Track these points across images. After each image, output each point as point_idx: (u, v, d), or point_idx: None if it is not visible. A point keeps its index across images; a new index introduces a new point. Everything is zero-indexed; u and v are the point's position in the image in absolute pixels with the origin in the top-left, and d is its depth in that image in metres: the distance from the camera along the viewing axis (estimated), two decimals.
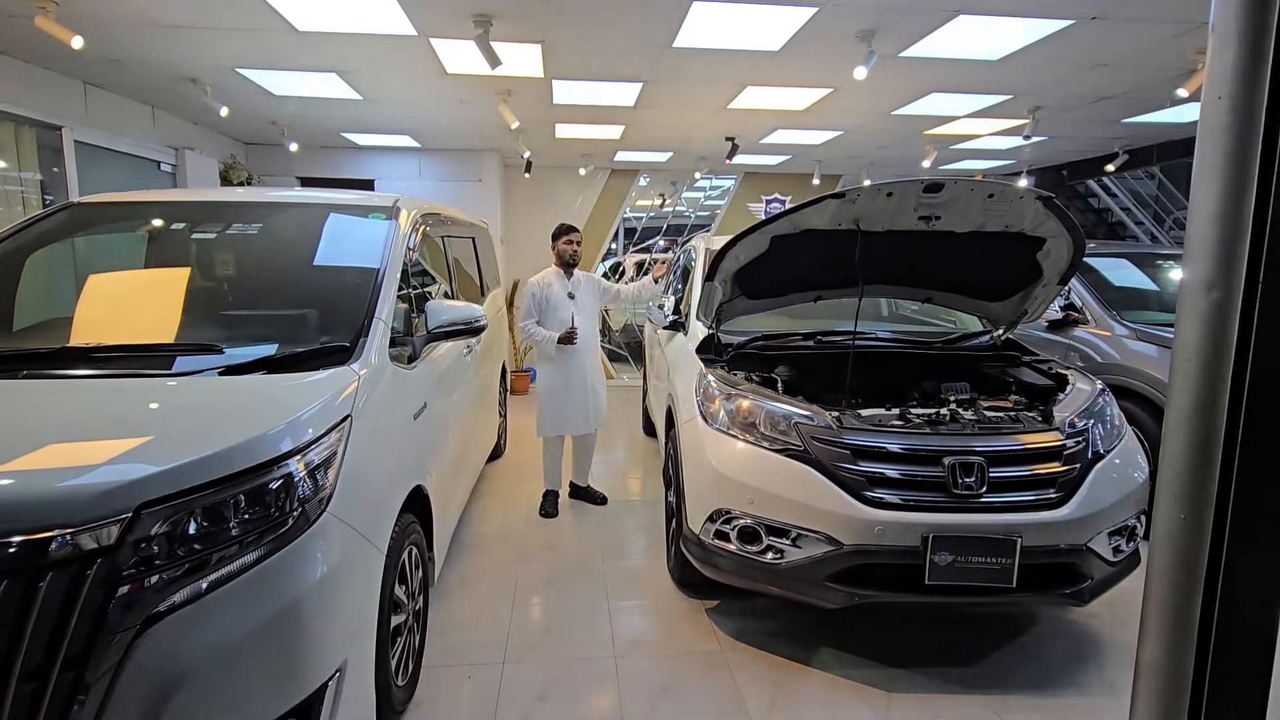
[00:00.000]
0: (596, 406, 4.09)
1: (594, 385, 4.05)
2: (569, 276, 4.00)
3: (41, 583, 1.32)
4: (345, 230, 2.90)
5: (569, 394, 3.96)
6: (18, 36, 3.87)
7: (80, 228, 2.85)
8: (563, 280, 3.99)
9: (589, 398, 4.02)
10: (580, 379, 3.98)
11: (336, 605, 1.72)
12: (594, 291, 4.11)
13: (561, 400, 3.97)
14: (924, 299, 3.63)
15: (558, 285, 3.98)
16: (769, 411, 2.68)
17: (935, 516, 2.38)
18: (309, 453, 1.73)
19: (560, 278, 4.00)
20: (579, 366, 3.98)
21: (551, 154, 7.89)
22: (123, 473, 1.46)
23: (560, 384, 3.96)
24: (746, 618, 2.91)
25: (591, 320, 4.07)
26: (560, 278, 4.00)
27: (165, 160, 6.02)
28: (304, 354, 2.16)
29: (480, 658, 2.63)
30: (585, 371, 4.00)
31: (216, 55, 4.26)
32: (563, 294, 3.96)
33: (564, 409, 3.98)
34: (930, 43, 3.91)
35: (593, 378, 4.04)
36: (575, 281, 4.02)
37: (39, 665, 1.31)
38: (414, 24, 3.61)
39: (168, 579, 1.43)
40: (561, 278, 4.00)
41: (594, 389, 4.05)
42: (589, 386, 4.01)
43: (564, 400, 3.97)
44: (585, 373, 3.99)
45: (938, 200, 2.79)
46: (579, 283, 4.03)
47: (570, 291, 3.98)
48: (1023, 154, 8.20)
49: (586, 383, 4.00)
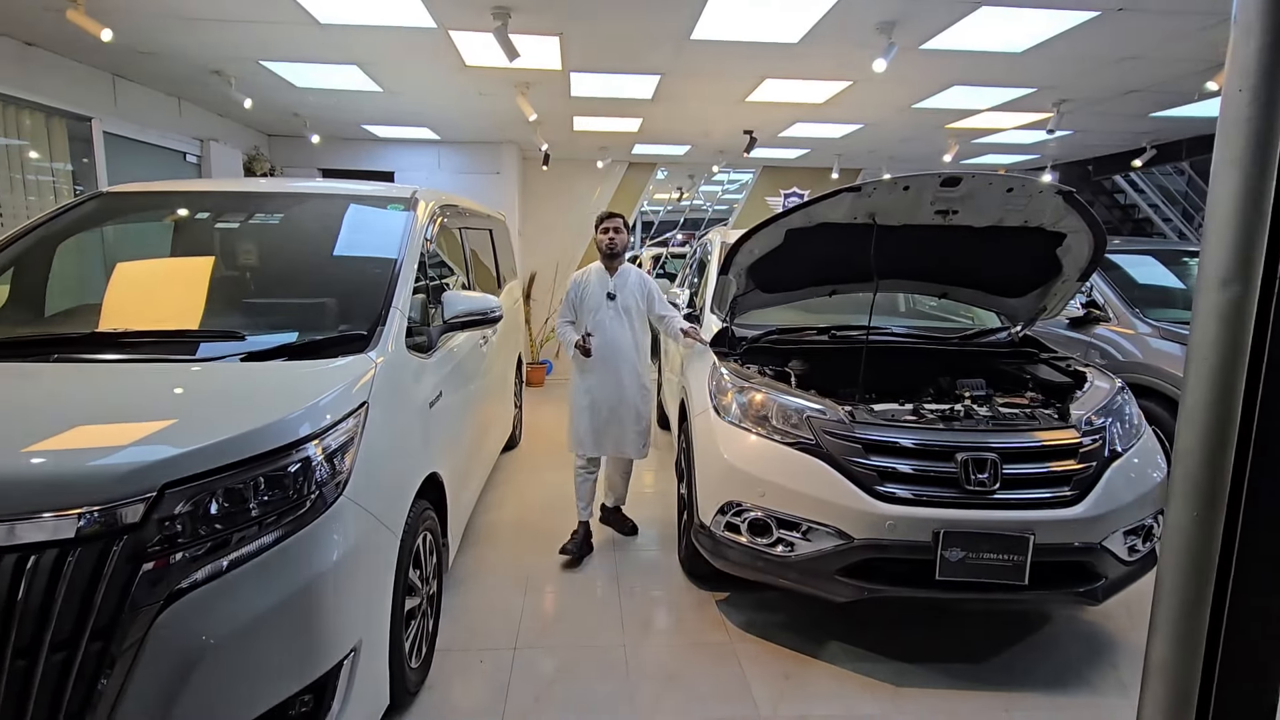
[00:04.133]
0: (631, 432, 3.39)
1: (627, 407, 3.37)
2: (612, 273, 3.39)
3: (71, 557, 1.37)
4: (364, 221, 2.94)
5: (594, 412, 3.36)
6: (50, 29, 3.95)
7: (109, 217, 2.91)
8: (603, 277, 3.38)
9: (622, 421, 3.37)
10: (610, 396, 3.34)
11: (352, 586, 1.76)
12: (641, 294, 3.41)
13: (590, 416, 3.37)
14: (940, 294, 3.59)
15: (596, 283, 3.38)
16: (781, 405, 2.68)
17: (947, 512, 2.37)
18: (327, 438, 1.77)
19: (601, 274, 3.38)
20: (610, 382, 3.34)
21: (569, 146, 7.90)
22: (148, 453, 1.51)
23: (584, 400, 3.37)
24: (756, 610, 2.93)
25: (634, 326, 3.40)
26: (601, 274, 3.38)
27: (191, 151, 6.12)
28: (323, 341, 2.20)
29: (493, 643, 2.67)
30: (619, 389, 3.34)
31: (240, 47, 4.32)
32: (601, 293, 3.35)
33: (583, 425, 3.39)
34: (952, 35, 3.86)
35: (630, 397, 3.37)
36: (621, 280, 3.38)
37: (68, 637, 1.36)
38: (433, 16, 3.64)
39: (190, 556, 1.48)
40: (603, 274, 3.38)
41: (628, 411, 3.37)
42: (622, 404, 3.36)
43: (585, 416, 3.38)
44: (619, 390, 3.34)
45: (955, 194, 2.77)
46: (625, 281, 3.38)
47: (611, 291, 3.35)
48: (1047, 148, 8.06)
49: (617, 400, 3.35)
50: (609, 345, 3.34)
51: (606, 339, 3.34)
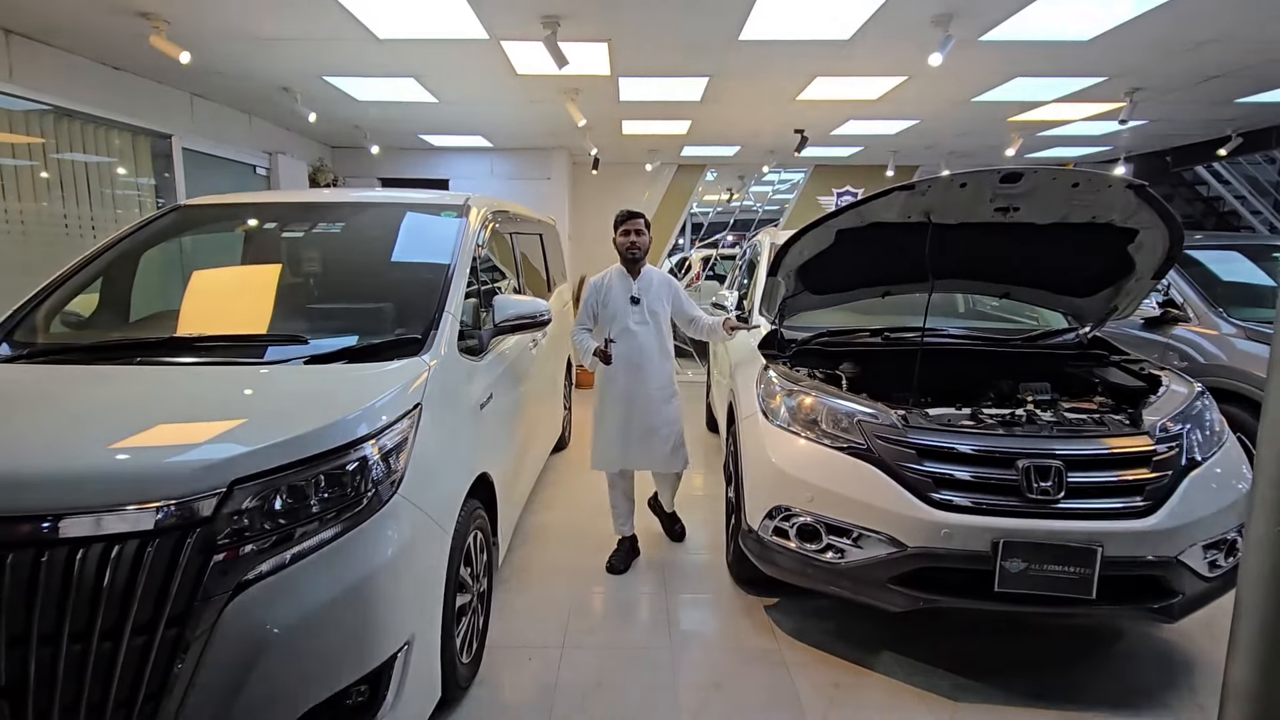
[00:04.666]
0: (663, 442, 3.21)
1: (658, 415, 3.20)
2: (634, 275, 3.24)
3: (150, 547, 1.47)
4: (419, 228, 3.04)
5: (618, 421, 3.20)
6: (135, 54, 4.24)
7: (186, 228, 3.10)
8: (625, 280, 3.22)
9: (655, 431, 3.19)
10: (640, 406, 3.17)
11: (405, 582, 1.81)
12: (667, 296, 3.27)
13: (608, 427, 3.23)
14: (1002, 294, 3.46)
15: (619, 287, 3.22)
16: (831, 408, 2.63)
17: (1007, 521, 2.27)
18: (383, 437, 1.83)
19: (623, 277, 3.23)
20: (639, 390, 3.17)
21: (618, 150, 7.96)
22: (219, 451, 1.59)
23: (615, 411, 3.20)
24: (806, 617, 2.88)
25: (660, 331, 3.24)
26: (623, 277, 3.23)
27: (260, 164, 6.46)
28: (380, 345, 2.28)
29: (541, 641, 2.71)
30: (648, 397, 3.18)
31: (305, 64, 4.54)
32: (624, 297, 3.20)
33: (611, 439, 3.22)
34: (1013, 25, 3.72)
35: (660, 405, 3.20)
36: (644, 282, 3.23)
37: (147, 622, 1.46)
38: (485, 27, 3.73)
39: (257, 549, 1.55)
40: (624, 277, 3.23)
41: (659, 420, 3.20)
42: (650, 413, 3.19)
43: (612, 428, 3.22)
44: (648, 399, 3.18)
45: (1016, 190, 2.66)
46: (648, 284, 3.23)
47: (635, 294, 3.20)
48: (1120, 140, 7.66)
49: (645, 408, 3.18)
50: (636, 351, 3.17)
51: (633, 345, 3.17)
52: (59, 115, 4.22)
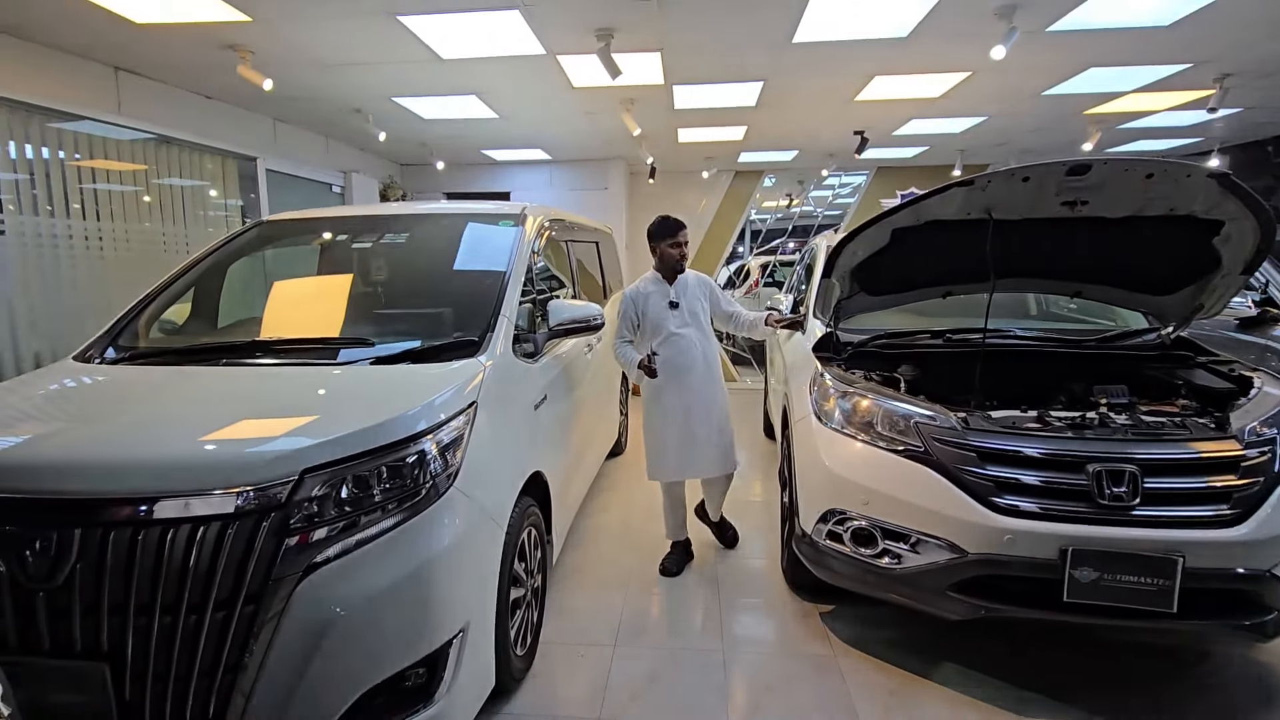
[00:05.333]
0: (717, 446, 3.21)
1: (710, 420, 3.19)
2: (671, 281, 3.24)
3: (230, 530, 1.59)
4: (478, 237, 3.16)
5: (674, 429, 3.18)
6: (224, 84, 4.60)
7: (268, 241, 3.33)
8: (663, 286, 3.22)
9: (708, 436, 3.18)
10: (693, 411, 3.16)
11: (461, 571, 1.89)
12: (705, 297, 3.27)
13: (664, 438, 3.20)
14: (1073, 293, 3.29)
15: (656, 293, 3.20)
16: (887, 410, 2.57)
17: (1076, 528, 2.16)
18: (440, 433, 1.92)
19: (660, 283, 3.23)
20: (689, 396, 3.16)
21: (674, 159, 8.01)
22: (292, 443, 1.72)
23: (666, 421, 3.18)
24: (863, 625, 2.81)
25: (703, 331, 3.25)
26: (660, 283, 3.23)
27: (336, 183, 6.85)
28: (439, 347, 2.39)
29: (593, 639, 2.75)
30: (697, 401, 3.17)
31: (376, 86, 4.80)
32: (663, 303, 3.19)
33: (669, 448, 3.20)
34: (1084, 12, 3.55)
35: (711, 407, 3.20)
36: (681, 286, 3.22)
37: (227, 598, 1.58)
38: (542, 43, 3.86)
39: (325, 534, 1.66)
40: (660, 283, 3.23)
41: (712, 424, 3.19)
42: (704, 417, 3.18)
43: (667, 438, 3.19)
44: (698, 402, 3.17)
45: (1084, 183, 2.54)
46: (685, 287, 3.23)
47: (673, 299, 3.19)
48: (1212, 130, 7.14)
49: (699, 412, 3.17)
50: (681, 355, 3.16)
51: (677, 350, 3.16)
52: (159, 143, 4.61)
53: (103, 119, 4.16)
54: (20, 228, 3.74)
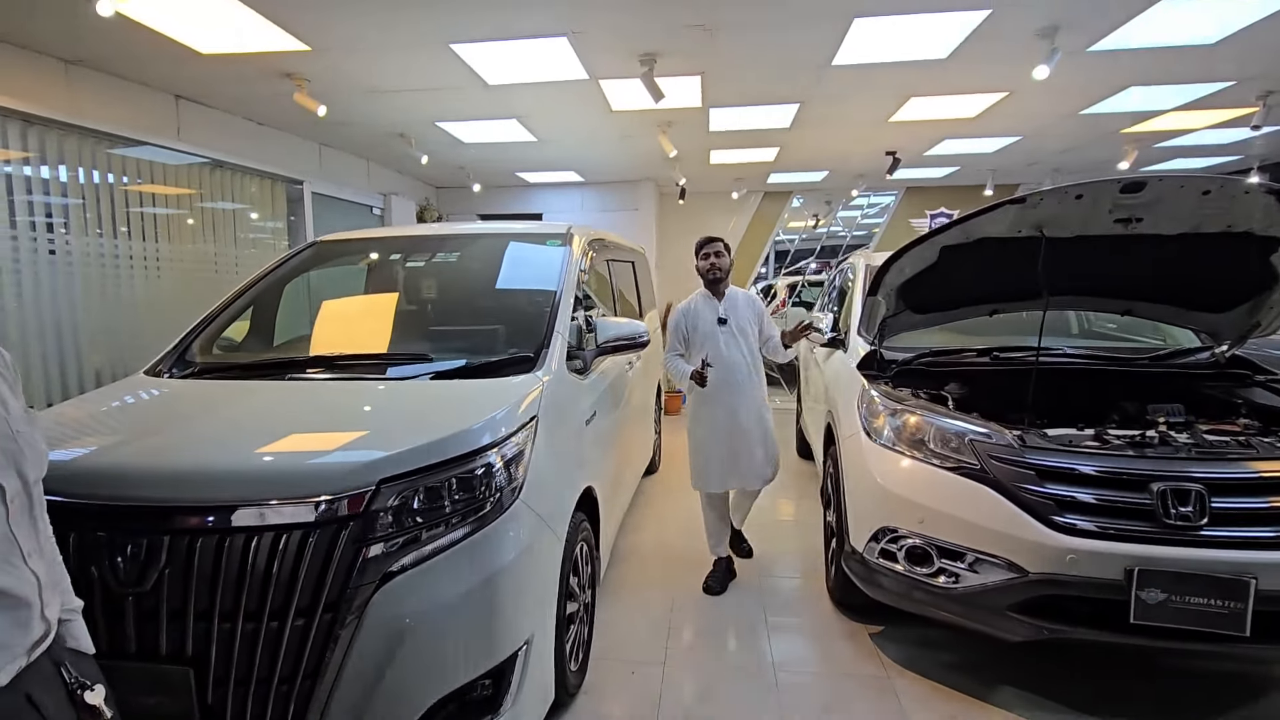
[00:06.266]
0: (761, 458, 3.27)
1: (755, 433, 3.26)
2: (719, 298, 3.31)
3: (311, 538, 1.63)
4: (528, 255, 3.24)
5: (718, 442, 3.25)
6: (275, 111, 4.78)
7: (322, 260, 3.43)
8: (711, 304, 3.30)
9: (751, 449, 3.25)
10: (738, 424, 3.24)
11: (526, 583, 1.91)
12: (753, 315, 3.35)
13: (710, 449, 3.28)
14: (1123, 311, 3.26)
15: (706, 311, 3.29)
16: (940, 428, 2.56)
17: (1142, 548, 2.12)
18: (505, 446, 1.96)
19: (708, 300, 3.30)
20: (735, 409, 3.24)
21: (705, 180, 8.10)
22: (368, 454, 1.76)
23: (713, 432, 3.26)
24: (914, 645, 2.77)
25: (751, 348, 3.31)
26: (708, 300, 3.30)
27: (376, 205, 7.03)
28: (496, 363, 2.44)
29: (642, 656, 2.74)
30: (743, 414, 3.24)
31: (421, 112, 4.95)
32: (712, 320, 3.27)
33: (714, 459, 3.27)
34: (1127, 32, 3.56)
35: (755, 422, 3.27)
36: (730, 303, 3.30)
37: (307, 606, 1.62)
38: (586, 68, 3.96)
39: (400, 545, 1.70)
40: (710, 300, 3.30)
41: (756, 437, 3.26)
42: (748, 430, 3.25)
43: (713, 449, 3.27)
44: (744, 416, 3.24)
45: (1138, 200, 2.53)
46: (734, 304, 3.31)
47: (722, 316, 3.27)
48: (1253, 148, 7.07)
49: (744, 426, 3.24)
50: (728, 370, 3.22)
51: (725, 365, 3.22)
52: (212, 167, 4.79)
53: (163, 144, 4.34)
54: (83, 248, 3.90)
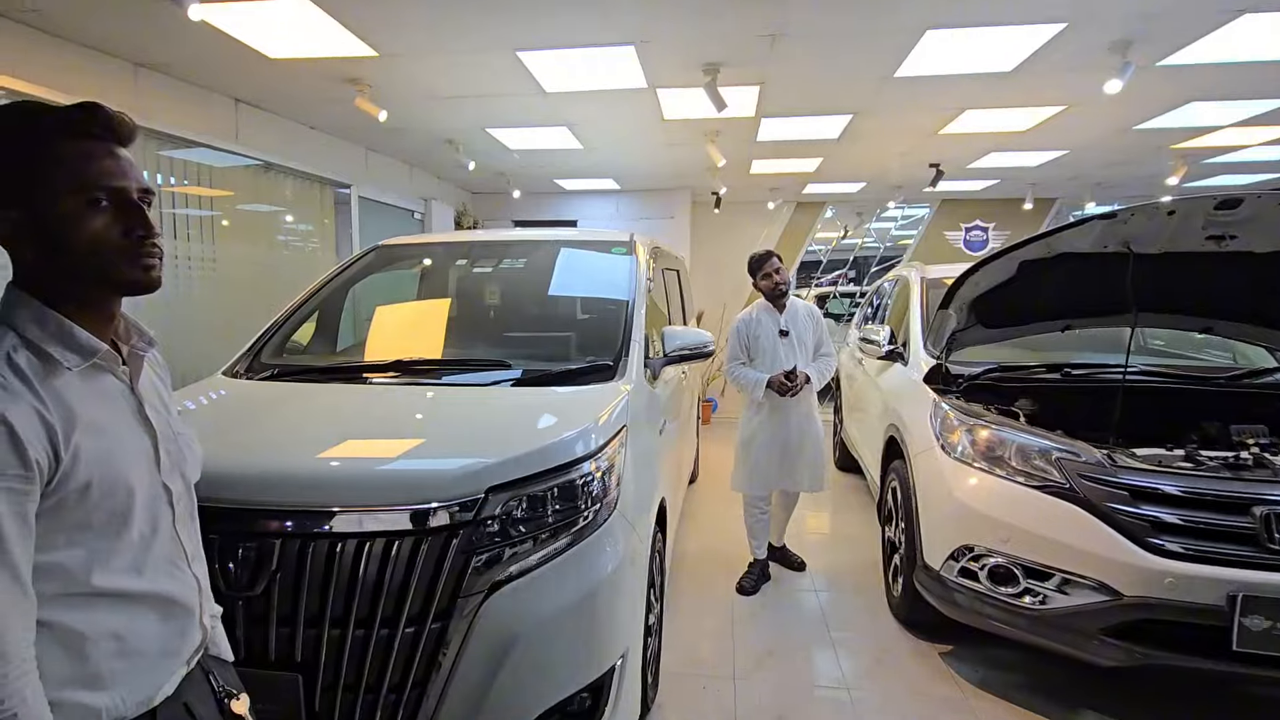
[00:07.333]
0: (816, 462, 3.40)
1: (809, 436, 3.38)
2: (781, 310, 3.39)
3: (423, 545, 1.62)
4: (594, 263, 3.23)
5: (775, 447, 3.35)
6: (327, 115, 4.82)
7: (385, 264, 3.43)
8: (773, 315, 3.38)
9: (803, 454, 3.36)
10: (794, 431, 3.35)
11: (622, 594, 1.89)
12: (812, 327, 3.43)
13: (766, 453, 3.36)
14: (1202, 329, 3.20)
15: (768, 322, 3.37)
16: (1021, 445, 2.52)
17: (1246, 574, 2.07)
18: (601, 456, 1.94)
19: (770, 312, 3.39)
20: (794, 414, 3.34)
21: (742, 189, 8.08)
22: (476, 460, 1.74)
23: (767, 436, 3.34)
24: (989, 666, 2.71)
25: (808, 359, 3.42)
26: (770, 312, 3.39)
27: (416, 210, 7.07)
28: (576, 370, 2.43)
29: (710, 670, 2.71)
30: (800, 423, 3.35)
31: (473, 118, 4.97)
32: (774, 331, 3.35)
33: (765, 462, 3.36)
34: (1199, 48, 3.51)
35: (811, 430, 3.39)
36: (791, 315, 3.38)
37: (418, 614, 1.60)
38: (647, 77, 3.96)
39: (508, 554, 1.68)
40: (771, 312, 3.39)
41: (810, 441, 3.38)
42: (805, 437, 3.36)
43: (769, 453, 3.36)
44: (801, 424, 3.35)
45: (1233, 217, 2.48)
46: (795, 316, 3.39)
47: (783, 328, 3.35)
48: None
49: (802, 432, 3.36)
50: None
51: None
52: (264, 170, 4.84)
53: (223, 147, 4.39)
54: None
